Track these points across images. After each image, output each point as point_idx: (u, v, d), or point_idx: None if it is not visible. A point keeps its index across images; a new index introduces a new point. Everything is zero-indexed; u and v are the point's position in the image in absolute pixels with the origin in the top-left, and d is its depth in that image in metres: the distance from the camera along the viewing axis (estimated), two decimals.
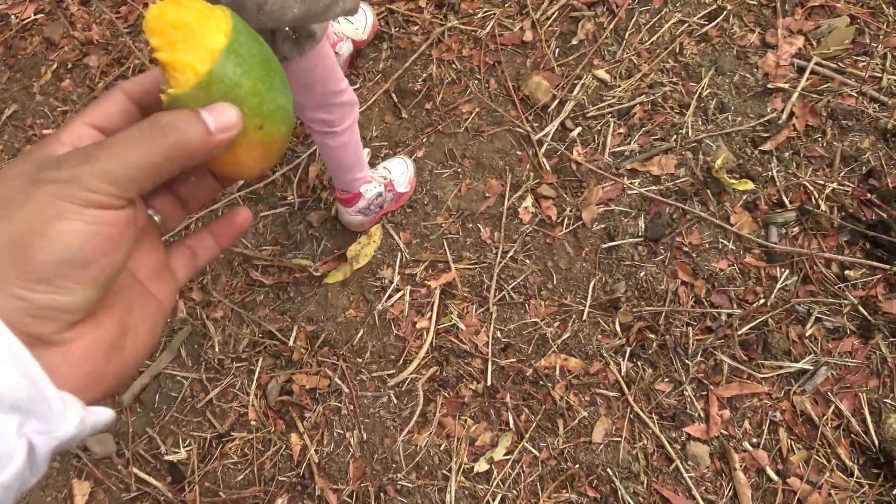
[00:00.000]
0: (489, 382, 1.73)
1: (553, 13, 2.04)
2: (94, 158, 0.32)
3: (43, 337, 0.31)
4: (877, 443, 1.50)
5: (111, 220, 0.32)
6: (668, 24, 1.96)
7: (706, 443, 1.59)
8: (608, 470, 1.60)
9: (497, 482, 1.64)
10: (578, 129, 1.90)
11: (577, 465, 1.62)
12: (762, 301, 1.65)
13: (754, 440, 1.57)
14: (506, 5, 2.09)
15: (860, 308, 1.60)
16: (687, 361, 1.65)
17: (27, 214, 0.31)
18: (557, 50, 2.01)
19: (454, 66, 2.06)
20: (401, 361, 1.80)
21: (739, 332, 1.63)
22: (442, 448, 1.71)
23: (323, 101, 1.50)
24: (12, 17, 2.52)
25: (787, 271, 1.67)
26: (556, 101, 1.94)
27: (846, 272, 1.63)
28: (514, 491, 1.63)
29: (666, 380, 1.65)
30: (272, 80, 0.39)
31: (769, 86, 1.82)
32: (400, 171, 1.90)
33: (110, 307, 0.35)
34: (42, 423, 0.30)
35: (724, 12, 1.92)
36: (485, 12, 2.09)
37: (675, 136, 1.84)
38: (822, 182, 1.72)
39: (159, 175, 0.34)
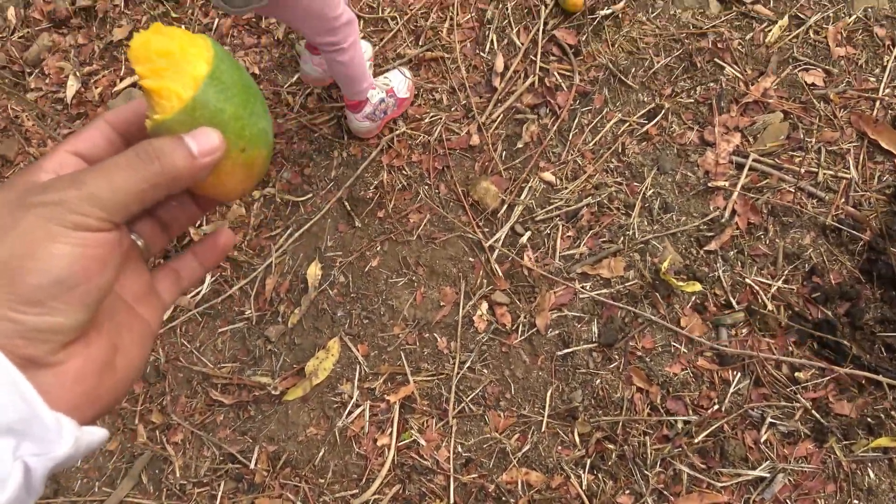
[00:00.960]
0: (452, 500, 1.65)
1: (498, 116, 2.01)
2: (82, 183, 0.32)
3: (35, 359, 0.30)
4: None
5: (98, 243, 0.32)
6: (609, 123, 1.93)
7: None
8: None
9: None
10: (528, 234, 1.86)
11: None
12: (717, 406, 1.60)
13: None
14: (451, 109, 2.06)
15: (812, 411, 1.55)
16: (646, 472, 1.59)
17: (16, 238, 0.30)
18: (504, 153, 1.98)
19: (404, 171, 2.01)
20: (363, 480, 1.73)
21: (696, 440, 1.58)
22: None
23: (325, 26, 1.61)
24: None
25: (739, 374, 1.63)
26: (505, 206, 1.90)
27: (796, 374, 1.59)
28: None
29: (627, 492, 1.59)
30: (253, 105, 0.39)
31: (710, 184, 1.80)
32: (399, 80, 2.01)
33: (100, 328, 0.34)
34: (37, 444, 0.29)
35: (663, 111, 1.90)
36: (432, 117, 2.05)
37: (622, 238, 1.80)
38: (768, 281, 1.69)
39: (146, 200, 0.34)
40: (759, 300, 1.67)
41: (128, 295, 0.39)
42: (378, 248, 1.95)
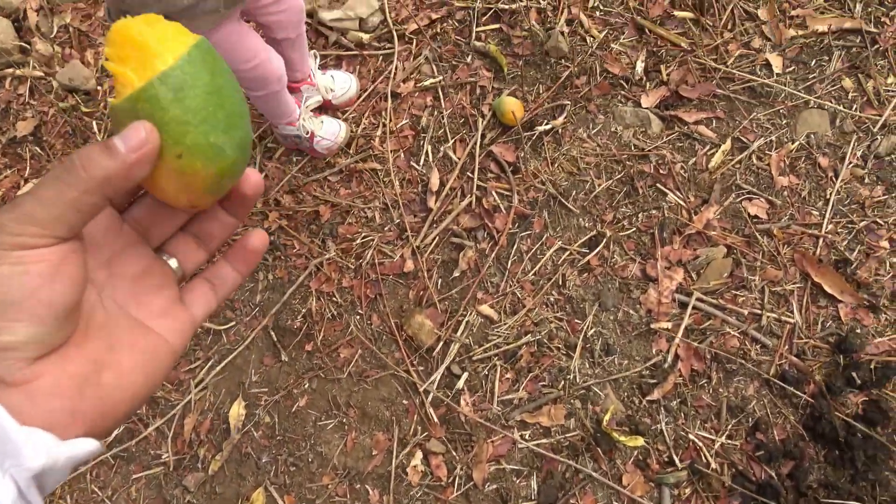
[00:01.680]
0: None
1: (433, 239, 1.86)
2: (17, 205, 0.32)
3: None
4: None
5: (40, 258, 0.31)
6: (549, 251, 1.80)
7: None
8: None
9: None
10: (465, 375, 1.72)
11: None
12: None
13: None
14: (385, 229, 1.90)
15: None
16: None
17: None
18: (440, 280, 1.83)
19: (334, 298, 1.85)
20: None
21: None
22: None
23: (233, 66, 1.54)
24: None
25: None
26: (441, 343, 1.76)
27: None
28: None
29: None
30: (209, 115, 0.36)
31: (653, 325, 1.69)
32: (331, 132, 1.92)
33: (81, 343, 0.34)
34: (13, 459, 0.29)
35: (605, 239, 1.79)
36: (364, 237, 1.89)
37: (562, 382, 1.68)
38: (711, 437, 1.60)
39: (83, 208, 0.33)
40: (703, 457, 1.58)
41: (143, 311, 0.38)
42: (306, 386, 1.79)
